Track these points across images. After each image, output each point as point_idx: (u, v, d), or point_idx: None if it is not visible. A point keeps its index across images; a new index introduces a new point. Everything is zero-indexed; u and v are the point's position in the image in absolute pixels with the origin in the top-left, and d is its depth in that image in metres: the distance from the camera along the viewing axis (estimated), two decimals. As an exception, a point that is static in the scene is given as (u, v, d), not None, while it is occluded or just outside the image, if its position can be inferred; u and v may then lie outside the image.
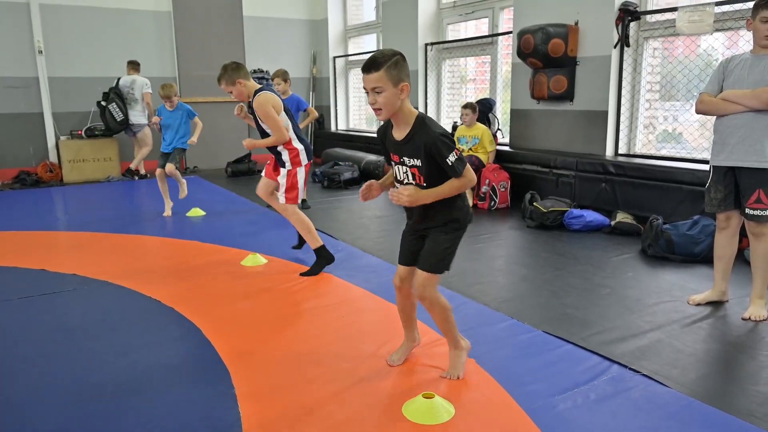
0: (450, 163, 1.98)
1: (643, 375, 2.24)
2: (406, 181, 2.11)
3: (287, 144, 3.59)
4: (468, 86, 7.72)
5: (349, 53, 9.56)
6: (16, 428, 1.96)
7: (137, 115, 7.58)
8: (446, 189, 2.03)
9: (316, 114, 6.05)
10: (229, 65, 3.52)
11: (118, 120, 7.50)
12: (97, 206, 6.07)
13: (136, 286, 3.39)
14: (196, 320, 2.86)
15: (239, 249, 4.17)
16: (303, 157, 3.64)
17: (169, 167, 5.27)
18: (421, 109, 7.67)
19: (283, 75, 5.56)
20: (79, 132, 7.75)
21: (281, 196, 3.64)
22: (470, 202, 5.62)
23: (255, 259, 3.82)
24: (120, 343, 2.64)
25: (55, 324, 2.89)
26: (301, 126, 5.74)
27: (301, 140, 3.65)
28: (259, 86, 3.56)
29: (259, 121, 3.55)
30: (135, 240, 4.53)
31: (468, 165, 2.05)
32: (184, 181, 5.72)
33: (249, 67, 9.12)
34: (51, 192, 6.98)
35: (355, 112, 9.78)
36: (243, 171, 8.13)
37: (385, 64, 1.93)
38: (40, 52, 7.64)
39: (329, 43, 9.52)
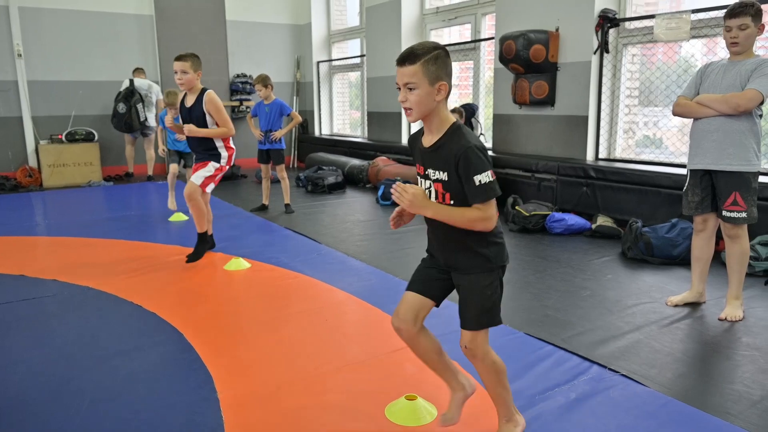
0: (477, 183, 1.60)
1: (622, 375, 2.28)
2: (431, 196, 1.75)
3: (227, 142, 3.88)
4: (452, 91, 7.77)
5: (333, 58, 9.58)
6: (-7, 436, 1.94)
7: (152, 118, 7.68)
8: (457, 214, 1.65)
9: (300, 118, 6.06)
10: (196, 55, 3.79)
11: (141, 120, 7.58)
12: (77, 211, 5.99)
13: (118, 291, 3.36)
14: (179, 325, 2.84)
15: (222, 253, 4.15)
16: (233, 160, 3.99)
17: (175, 167, 5.60)
18: (404, 114, 7.70)
19: (264, 80, 5.57)
20: (60, 136, 7.66)
21: (198, 178, 3.80)
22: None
23: (238, 263, 3.81)
24: (101, 349, 2.62)
25: (34, 330, 2.86)
26: (285, 130, 5.75)
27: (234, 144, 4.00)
28: (205, 87, 3.83)
29: (207, 117, 3.77)
30: (116, 245, 4.49)
31: (494, 201, 1.65)
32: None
33: (232, 72, 9.13)
34: (30, 197, 6.88)
35: (339, 116, 9.80)
36: (226, 175, 8.06)
37: (423, 57, 1.62)
38: (20, 55, 7.54)
39: (313, 47, 9.53)
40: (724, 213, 2.82)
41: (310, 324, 2.90)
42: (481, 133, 6.54)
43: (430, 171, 1.72)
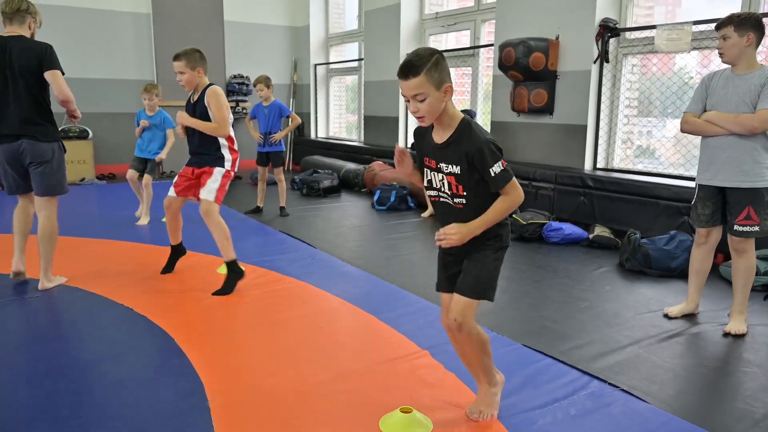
0: (493, 174, 1.74)
1: (623, 390, 2.23)
2: (442, 189, 1.87)
3: (232, 144, 3.52)
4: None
5: (331, 61, 9.54)
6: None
7: None
8: (494, 214, 1.79)
9: (299, 120, 6.01)
10: (197, 50, 3.42)
11: None
12: (68, 210, 5.89)
13: (107, 293, 3.28)
14: (169, 329, 2.78)
15: (215, 256, 4.08)
16: (236, 166, 3.57)
17: (147, 179, 5.23)
18: (402, 120, 7.67)
19: (266, 81, 5.53)
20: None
21: (210, 193, 3.38)
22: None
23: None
24: (89, 353, 2.55)
25: (21, 331, 2.78)
26: (285, 132, 5.69)
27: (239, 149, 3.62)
28: (211, 83, 3.50)
29: (209, 113, 3.42)
30: (107, 245, 4.41)
31: (515, 180, 1.79)
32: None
33: (229, 73, 9.06)
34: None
35: (335, 119, 9.75)
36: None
37: (424, 67, 1.70)
38: (13, 50, 7.44)
39: (310, 50, 9.49)
40: (737, 227, 2.78)
41: (304, 330, 2.84)
42: (479, 140, 6.50)
43: (442, 165, 1.84)
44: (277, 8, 9.52)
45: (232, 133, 3.51)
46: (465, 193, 1.83)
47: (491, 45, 6.22)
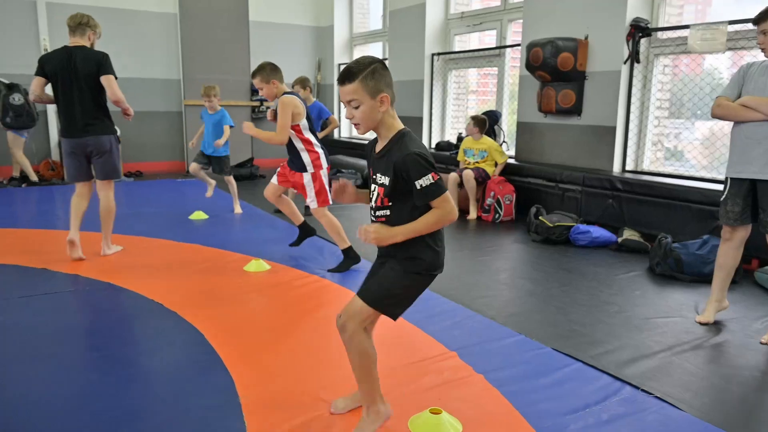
0: (419, 187, 1.67)
1: (656, 397, 2.19)
2: (373, 200, 1.84)
3: (308, 146, 3.74)
4: (470, 97, 7.72)
5: (355, 61, 9.55)
6: (13, 430, 1.90)
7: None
8: (421, 225, 1.72)
9: (337, 123, 6.01)
10: (268, 64, 3.71)
11: (37, 113, 7.20)
12: (97, 206, 6.00)
13: (138, 288, 3.33)
14: (200, 325, 2.80)
15: (242, 254, 4.12)
16: (323, 161, 3.80)
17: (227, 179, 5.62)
18: (426, 120, 7.65)
19: (303, 82, 5.58)
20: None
21: (312, 202, 3.76)
22: (474, 215, 5.58)
23: (258, 265, 3.77)
24: (121, 348, 2.58)
25: (55, 325, 2.83)
26: (323, 134, 5.70)
27: (321, 146, 3.82)
28: (289, 90, 3.74)
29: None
30: (136, 241, 4.47)
31: (447, 195, 1.71)
32: (212, 182, 5.85)
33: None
34: (52, 190, 6.93)
35: (359, 119, 9.76)
36: (245, 175, 8.09)
37: (360, 74, 1.70)
38: (46, 50, 7.61)
39: (334, 50, 9.51)
40: None
41: (332, 330, 2.83)
42: (504, 141, 6.46)
43: (377, 176, 1.81)
44: (301, 8, 9.58)
45: (308, 136, 3.71)
46: (390, 204, 1.77)
47: (518, 45, 6.16)
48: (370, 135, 1.88)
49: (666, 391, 2.24)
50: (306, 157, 3.72)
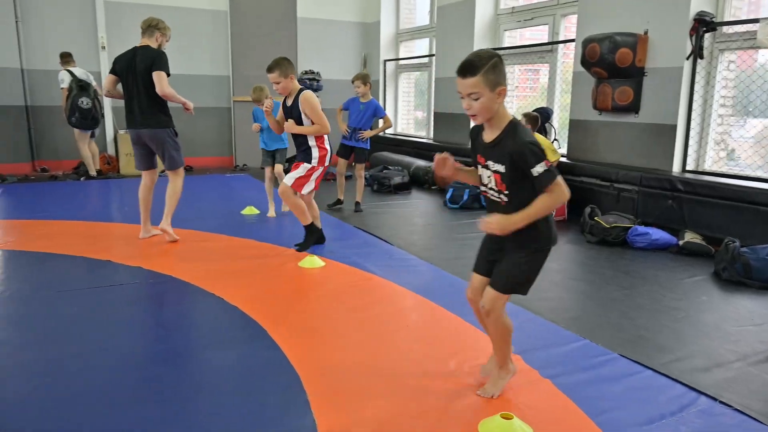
0: (536, 174, 1.85)
1: (736, 410, 2.10)
2: (489, 185, 2.02)
3: (320, 143, 3.94)
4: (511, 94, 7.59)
5: (400, 57, 9.53)
6: (82, 420, 1.96)
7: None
8: (536, 210, 1.89)
9: (391, 123, 5.99)
10: (285, 59, 3.84)
11: (103, 113, 7.44)
12: (154, 200, 6.16)
13: (198, 282, 3.40)
14: (262, 321, 2.84)
15: (295, 249, 4.15)
16: (326, 160, 4.02)
17: (278, 168, 5.37)
18: (474, 116, 7.55)
19: (364, 78, 5.58)
20: (132, 127, 7.92)
21: (290, 180, 3.90)
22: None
23: (312, 261, 3.80)
24: (188, 341, 2.64)
25: (123, 317, 2.92)
26: (374, 132, 5.71)
27: (329, 144, 4.05)
28: (302, 87, 3.95)
29: (303, 117, 3.88)
30: (192, 235, 4.57)
31: (560, 179, 1.88)
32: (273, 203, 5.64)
33: (300, 68, 9.21)
34: (109, 183, 7.16)
35: (403, 116, 9.74)
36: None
37: (482, 68, 1.83)
38: (103, 47, 7.86)
39: (380, 46, 9.50)
40: None
41: (390, 328, 2.84)
42: (555, 139, 6.33)
43: (490, 163, 1.99)
44: (348, 4, 9.60)
45: (328, 127, 3.95)
46: (507, 191, 1.95)
47: (572, 41, 6.01)
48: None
49: (745, 403, 2.15)
50: (315, 153, 3.96)
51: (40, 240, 4.31)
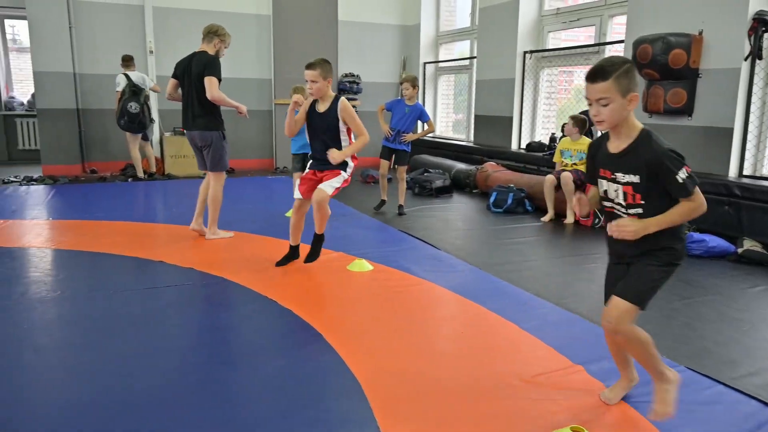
0: (680, 181, 1.77)
1: (820, 429, 2.00)
2: (617, 200, 1.91)
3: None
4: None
5: (440, 59, 9.48)
6: (142, 423, 1.99)
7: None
8: (673, 216, 1.81)
9: (434, 128, 5.98)
10: (327, 61, 3.65)
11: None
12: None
13: (249, 284, 3.43)
14: (316, 324, 2.84)
15: (342, 252, 4.16)
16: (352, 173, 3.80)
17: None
18: (516, 120, 7.47)
19: (413, 81, 5.57)
20: (182, 129, 8.07)
21: (331, 187, 3.61)
22: (572, 219, 5.39)
23: (361, 265, 3.79)
24: (245, 344, 2.67)
25: (180, 318, 2.98)
26: (417, 136, 5.69)
27: None
28: (338, 94, 3.76)
29: (340, 124, 3.64)
30: (239, 236, 4.61)
31: (699, 190, 1.81)
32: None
33: (341, 71, 9.26)
34: (156, 185, 7.32)
35: (442, 119, 9.69)
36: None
37: (614, 73, 1.78)
38: (151, 52, 8.05)
39: (420, 48, 9.48)
40: None
41: (445, 335, 2.81)
42: (602, 142, 6.18)
43: (618, 174, 1.88)
44: (389, 7, 9.61)
45: (354, 140, 3.72)
46: (642, 202, 1.85)
47: (621, 41, 5.87)
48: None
49: (828, 422, 2.04)
50: (350, 162, 3.71)
51: (93, 240, 4.42)
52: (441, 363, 2.49)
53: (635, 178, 1.84)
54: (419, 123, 5.93)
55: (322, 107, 3.68)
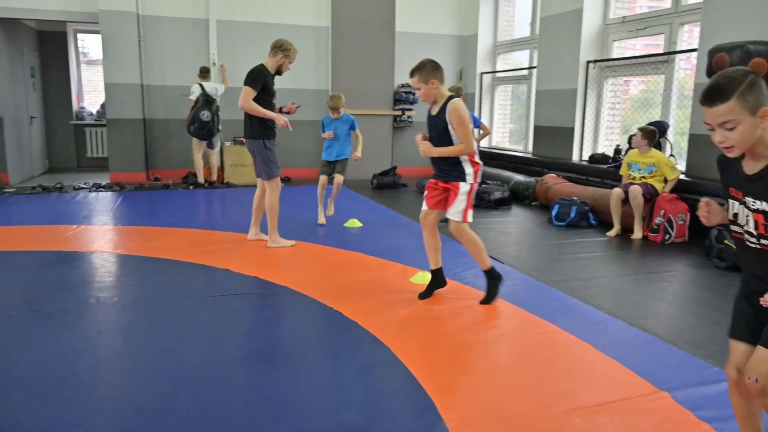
0: None
1: None
2: (747, 227, 1.64)
3: (472, 157, 3.34)
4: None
5: (497, 69, 9.37)
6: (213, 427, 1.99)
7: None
8: None
9: (489, 131, 5.94)
10: (429, 62, 3.37)
11: (219, 127, 7.96)
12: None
13: (314, 294, 3.43)
14: (383, 338, 2.80)
15: (403, 264, 4.12)
16: (479, 176, 3.42)
17: (339, 178, 5.52)
18: (578, 131, 7.26)
19: (458, 90, 5.58)
20: (242, 138, 8.26)
21: (457, 214, 3.32)
22: (640, 234, 5.17)
23: (424, 277, 3.73)
24: (313, 359, 2.65)
25: (249, 327, 3.01)
26: (477, 140, 5.63)
27: (479, 158, 3.45)
28: (452, 94, 3.37)
29: (450, 128, 3.27)
30: (300, 245, 4.65)
31: None
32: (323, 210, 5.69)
33: (397, 82, 9.27)
34: (216, 193, 7.50)
35: (499, 129, 9.54)
36: (388, 183, 8.21)
37: (736, 91, 1.49)
38: (214, 63, 8.29)
39: (477, 58, 9.39)
40: None
41: (519, 355, 2.71)
42: (672, 154, 5.92)
43: (749, 199, 1.61)
44: (446, 18, 9.57)
45: (474, 147, 3.37)
46: None
47: (694, 50, 5.62)
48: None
49: None
50: (468, 168, 3.32)
51: (161, 246, 4.55)
52: (516, 382, 2.40)
53: (766, 206, 1.56)
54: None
55: (435, 109, 3.39)
